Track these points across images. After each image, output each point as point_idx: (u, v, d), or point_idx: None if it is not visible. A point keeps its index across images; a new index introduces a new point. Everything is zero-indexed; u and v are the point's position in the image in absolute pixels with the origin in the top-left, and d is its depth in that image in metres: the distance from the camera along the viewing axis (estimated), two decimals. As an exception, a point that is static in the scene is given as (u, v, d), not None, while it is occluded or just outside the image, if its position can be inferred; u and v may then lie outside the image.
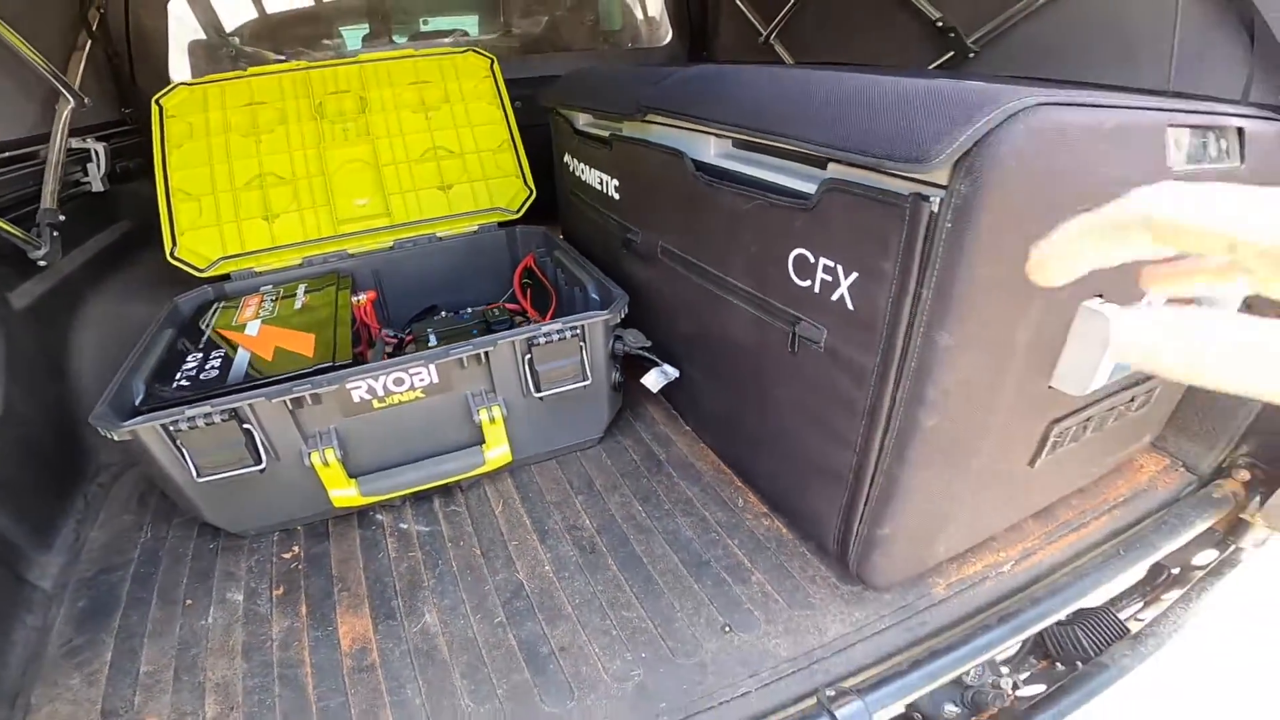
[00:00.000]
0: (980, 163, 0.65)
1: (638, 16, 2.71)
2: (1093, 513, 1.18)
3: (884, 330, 0.80)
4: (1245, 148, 0.86)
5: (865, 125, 0.76)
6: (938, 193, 0.70)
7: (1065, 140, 0.68)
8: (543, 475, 1.31)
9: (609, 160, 1.43)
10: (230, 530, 1.17)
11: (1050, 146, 0.67)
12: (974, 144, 0.65)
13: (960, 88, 0.71)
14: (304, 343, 1.20)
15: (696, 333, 1.24)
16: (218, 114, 1.64)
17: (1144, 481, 1.24)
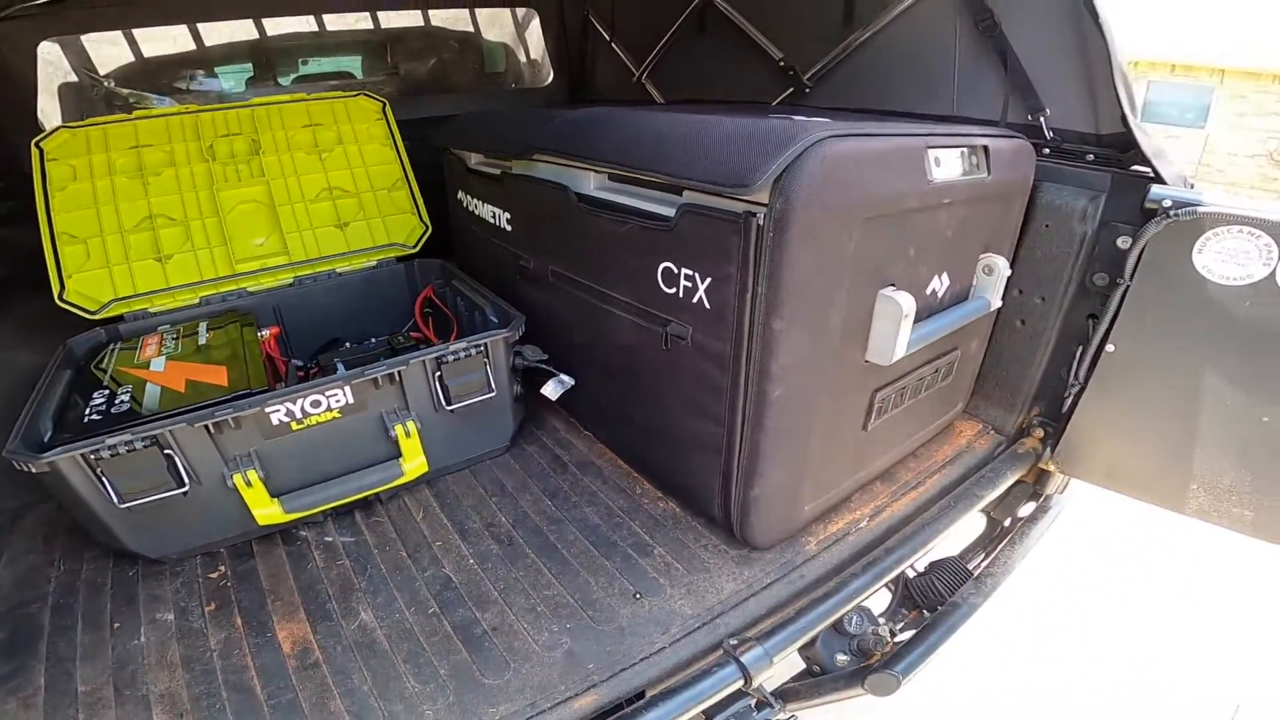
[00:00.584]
0: (788, 185, 0.93)
1: (521, 59, 2.97)
2: (926, 472, 1.50)
3: (734, 322, 1.06)
4: (991, 161, 1.21)
5: (707, 160, 1.03)
6: (762, 210, 0.97)
7: (847, 164, 0.97)
8: (458, 483, 1.48)
9: (501, 195, 1.64)
10: (151, 556, 1.24)
11: (837, 169, 0.95)
12: (782, 171, 0.93)
13: (775, 127, 0.98)
14: (216, 374, 1.31)
15: (586, 343, 1.47)
16: (101, 157, 1.70)
17: (964, 444, 1.59)
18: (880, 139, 1.03)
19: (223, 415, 1.14)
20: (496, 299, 1.62)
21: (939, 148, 1.12)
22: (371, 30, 2.63)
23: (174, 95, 2.33)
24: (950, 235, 1.23)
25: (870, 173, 1.01)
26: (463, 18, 2.77)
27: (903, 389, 1.31)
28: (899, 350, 1.13)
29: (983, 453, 1.57)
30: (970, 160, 1.20)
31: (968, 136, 1.20)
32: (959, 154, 1.18)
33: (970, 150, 1.20)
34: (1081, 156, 1.41)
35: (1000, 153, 1.24)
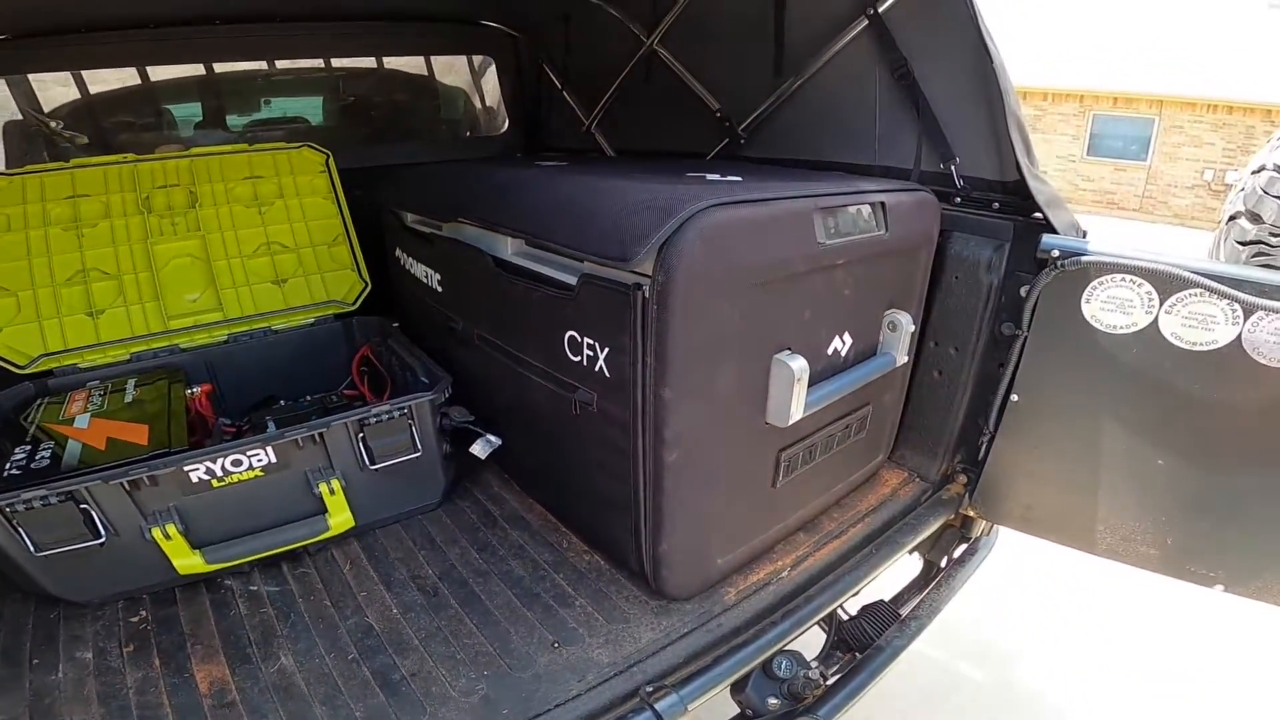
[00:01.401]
0: (668, 258, 1.03)
1: (477, 106, 3.15)
2: (849, 521, 1.63)
3: (630, 390, 1.17)
4: (889, 217, 1.34)
5: (600, 231, 1.14)
6: (648, 281, 1.07)
7: (728, 234, 1.08)
8: (387, 537, 1.57)
9: (432, 256, 1.78)
10: (73, 600, 1.32)
11: (717, 239, 1.06)
12: (662, 243, 1.03)
13: (663, 196, 1.08)
14: (137, 433, 1.41)
15: (510, 404, 1.60)
16: (36, 206, 1.81)
17: (888, 493, 1.74)
18: (765, 204, 1.15)
19: (137, 474, 1.23)
20: (427, 360, 1.74)
21: (830, 208, 1.24)
22: (325, 73, 2.77)
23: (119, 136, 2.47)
24: (849, 294, 1.36)
25: (753, 240, 1.12)
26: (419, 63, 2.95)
27: (811, 446, 1.45)
28: (796, 412, 1.26)
29: (907, 500, 1.72)
30: (865, 218, 1.32)
31: (862, 194, 1.32)
32: (852, 213, 1.29)
33: (864, 208, 1.31)
34: (988, 205, 1.55)
35: (899, 208, 1.37)
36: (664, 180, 1.27)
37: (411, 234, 1.88)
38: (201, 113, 2.61)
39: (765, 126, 2.05)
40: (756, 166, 1.87)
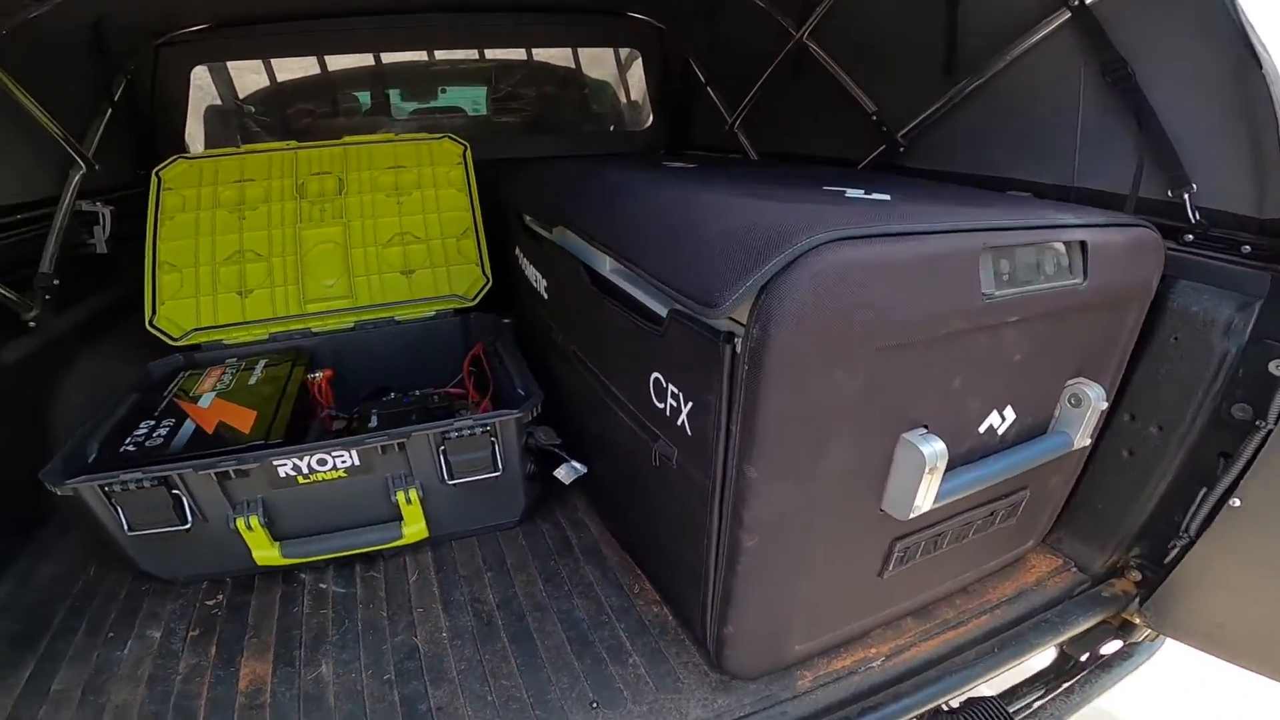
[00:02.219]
0: (767, 308, 0.81)
1: (622, 100, 3.12)
2: (975, 611, 1.38)
3: (711, 458, 0.99)
4: (1090, 261, 1.03)
5: (686, 261, 0.95)
6: (742, 332, 0.86)
7: (854, 280, 0.83)
8: (460, 550, 1.56)
9: (542, 259, 1.72)
10: (162, 577, 1.44)
11: (840, 286, 0.82)
12: (761, 289, 0.82)
13: (772, 219, 0.87)
14: (244, 419, 1.50)
15: (597, 432, 1.50)
16: (209, 189, 2.01)
17: (1032, 581, 1.45)
18: (911, 241, 0.88)
19: (226, 466, 1.30)
20: (525, 371, 1.70)
21: (1005, 247, 0.96)
22: (478, 64, 2.87)
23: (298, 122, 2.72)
24: (1020, 359, 1.07)
25: (890, 288, 0.87)
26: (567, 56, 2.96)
27: (938, 535, 1.21)
28: (923, 504, 1.02)
29: (1054, 592, 1.42)
30: (1056, 262, 1.02)
31: (1053, 228, 1.02)
32: (1035, 254, 1.00)
33: (1056, 247, 1.02)
34: (1235, 248, 1.19)
35: (1106, 248, 1.05)
36: (789, 197, 1.07)
37: (528, 234, 1.84)
38: (367, 101, 2.82)
39: (930, 134, 1.77)
40: (914, 181, 1.59)
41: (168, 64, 2.33)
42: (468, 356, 2.00)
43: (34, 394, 1.75)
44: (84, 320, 1.97)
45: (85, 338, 1.97)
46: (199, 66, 2.44)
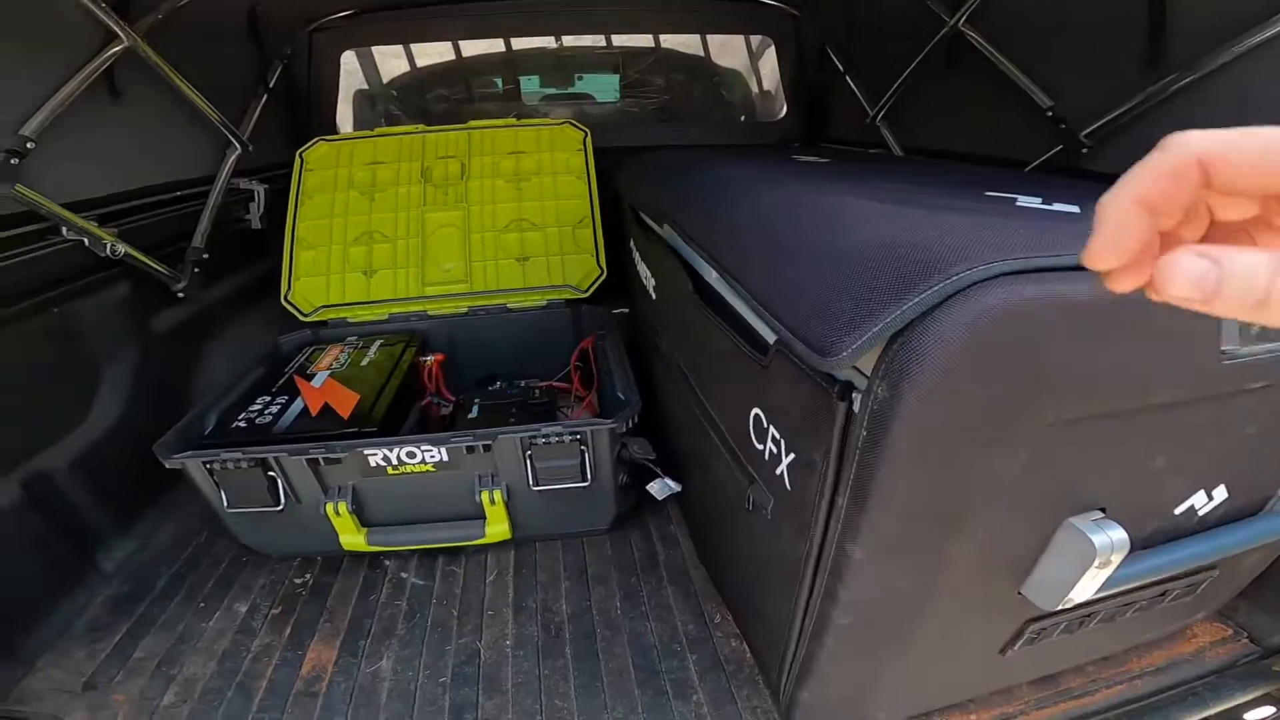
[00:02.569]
0: (899, 362, 0.61)
1: (754, 90, 2.95)
2: (1109, 680, 1.18)
3: (809, 522, 0.82)
4: None
5: (796, 284, 0.76)
6: (864, 385, 0.67)
7: (1030, 330, 0.60)
8: (544, 553, 1.54)
9: (652, 256, 1.61)
10: (260, 551, 1.53)
11: (1004, 340, 0.59)
12: (894, 336, 0.61)
13: (917, 237, 0.66)
14: (347, 403, 1.53)
15: (694, 452, 1.39)
16: (345, 170, 2.10)
17: (1189, 652, 1.22)
18: None
19: (317, 453, 1.33)
20: (628, 373, 1.63)
21: None
22: (607, 50, 2.81)
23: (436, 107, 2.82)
24: (1253, 432, 0.82)
25: (1083, 345, 0.63)
26: (695, 44, 2.84)
27: (1086, 617, 1.01)
28: (1081, 596, 0.82)
29: (1214, 664, 1.19)
30: None
31: None
32: None
33: None
34: None
35: None
36: (940, 204, 0.83)
37: (640, 226, 1.75)
38: (499, 87, 2.85)
39: (1124, 135, 1.47)
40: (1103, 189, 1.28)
41: (320, 49, 2.47)
42: (576, 350, 1.97)
43: (182, 361, 1.91)
44: (235, 291, 2.14)
45: (235, 308, 2.13)
46: (348, 51, 2.56)
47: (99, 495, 1.53)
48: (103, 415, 1.60)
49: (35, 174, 1.41)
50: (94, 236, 1.53)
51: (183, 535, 1.63)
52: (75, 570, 1.45)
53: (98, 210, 1.60)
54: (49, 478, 1.42)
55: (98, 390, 1.61)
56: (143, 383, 1.71)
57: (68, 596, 1.41)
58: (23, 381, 1.41)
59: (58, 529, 1.42)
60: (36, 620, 1.33)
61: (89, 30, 1.56)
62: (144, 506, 1.67)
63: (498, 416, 1.70)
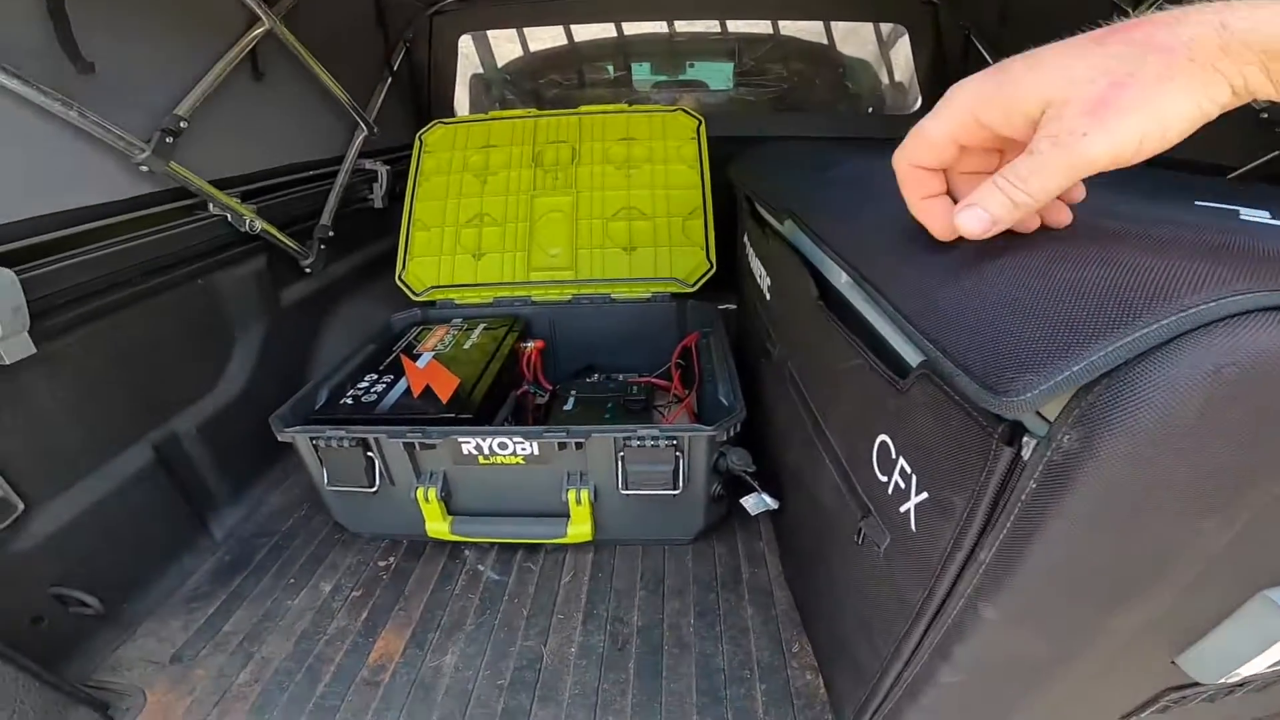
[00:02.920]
0: (1100, 410, 0.48)
1: (883, 80, 2.74)
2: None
3: (935, 574, 0.71)
4: None
5: (959, 304, 0.61)
6: (1042, 432, 0.54)
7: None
8: (622, 557, 1.51)
9: (769, 253, 1.50)
10: (351, 529, 1.59)
11: (1251, 393, 0.46)
12: (1098, 380, 0.48)
13: (1125, 267, 0.50)
14: (447, 386, 1.55)
15: (797, 468, 1.29)
16: (460, 153, 2.14)
17: None
18: None
19: (413, 438, 1.35)
20: (732, 376, 1.54)
21: None
22: (723, 36, 2.71)
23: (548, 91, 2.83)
24: None
25: None
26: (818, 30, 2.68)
27: (1238, 686, 0.85)
28: (1250, 670, 0.71)
29: None
30: None
31: None
32: None
33: None
34: None
35: None
36: (1142, 215, 0.65)
37: (756, 221, 1.65)
38: (611, 72, 2.81)
39: None
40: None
41: (439, 32, 2.52)
42: (678, 347, 1.91)
43: (306, 333, 2.02)
44: (355, 269, 2.24)
45: (354, 285, 2.23)
46: (465, 35, 2.61)
47: (220, 462, 1.64)
48: (230, 383, 1.71)
49: (186, 152, 1.51)
50: (236, 213, 1.63)
51: (286, 508, 1.72)
52: (190, 536, 1.56)
53: (239, 188, 1.70)
54: (178, 441, 1.54)
55: (230, 359, 1.73)
56: (268, 354, 1.81)
57: (177, 562, 1.51)
58: (170, 346, 1.53)
59: (182, 493, 1.54)
60: (147, 584, 1.44)
61: (235, 14, 1.65)
62: (256, 476, 1.78)
63: (593, 411, 1.68)
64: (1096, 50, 0.41)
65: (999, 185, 0.47)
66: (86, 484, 1.32)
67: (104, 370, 1.36)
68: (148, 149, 1.39)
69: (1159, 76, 0.39)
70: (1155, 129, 0.40)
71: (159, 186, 1.48)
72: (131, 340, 1.42)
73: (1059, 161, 0.42)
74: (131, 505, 1.40)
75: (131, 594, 1.40)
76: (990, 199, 0.47)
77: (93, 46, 1.30)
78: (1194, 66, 0.38)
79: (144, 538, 1.43)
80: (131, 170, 1.41)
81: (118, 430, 1.40)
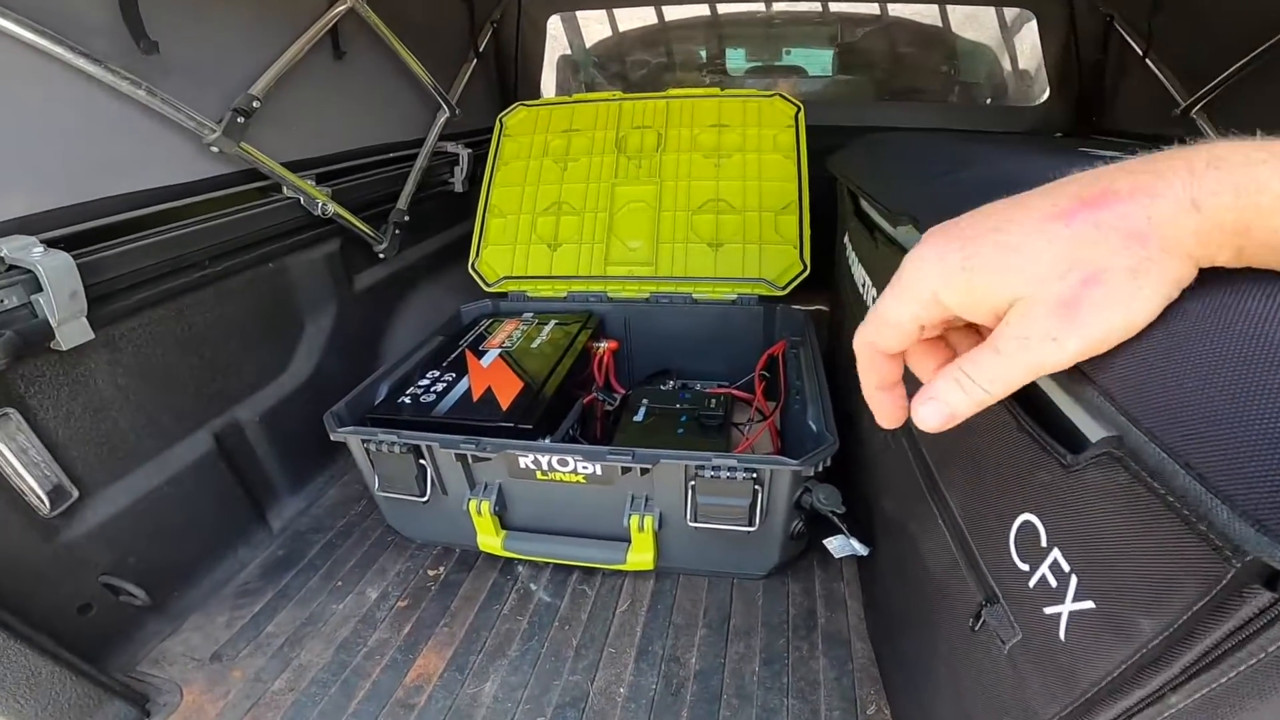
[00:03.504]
0: None
1: (1005, 68, 2.46)
2: None
3: (1087, 696, 0.55)
4: None
5: (1178, 371, 0.40)
6: None
7: None
8: (685, 590, 1.37)
9: (876, 261, 1.31)
10: (403, 534, 1.52)
11: None
12: None
13: None
14: (509, 390, 1.46)
15: (897, 521, 1.11)
16: (541, 137, 2.04)
17: None
18: None
19: (466, 450, 1.26)
20: (824, 398, 1.37)
21: None
22: (823, 18, 2.52)
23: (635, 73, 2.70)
24: None
25: None
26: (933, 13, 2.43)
27: None
28: None
29: None
30: None
31: None
32: None
33: None
34: None
35: None
36: None
37: (861, 221, 1.46)
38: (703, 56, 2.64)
39: None
40: None
41: (527, 12, 2.43)
42: (763, 356, 1.75)
43: (375, 319, 1.98)
44: (429, 255, 2.19)
45: (426, 272, 2.18)
46: (554, 16, 2.51)
47: (281, 452, 1.61)
48: (296, 370, 1.68)
49: (259, 133, 1.47)
50: (309, 195, 1.58)
51: (343, 503, 1.68)
52: (246, 527, 1.53)
53: (314, 170, 1.66)
54: (240, 430, 1.51)
55: (297, 346, 1.69)
56: (336, 341, 1.77)
57: (232, 554, 1.49)
58: (237, 331, 1.49)
59: (241, 484, 1.51)
60: (199, 576, 1.41)
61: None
62: (317, 468, 1.75)
63: (665, 425, 1.54)
64: (1064, 234, 0.37)
65: (959, 381, 0.44)
66: (143, 472, 1.29)
67: (167, 356, 1.33)
68: (218, 129, 1.35)
69: (1131, 271, 0.36)
70: (1124, 325, 0.38)
71: (230, 168, 1.44)
72: (197, 325, 1.39)
73: (1024, 362, 0.41)
74: (188, 495, 1.37)
75: (182, 585, 1.37)
76: (951, 393, 0.44)
77: (163, 25, 1.25)
78: (1166, 258, 0.35)
79: (199, 528, 1.41)
80: (202, 151, 1.37)
81: (178, 417, 1.37)
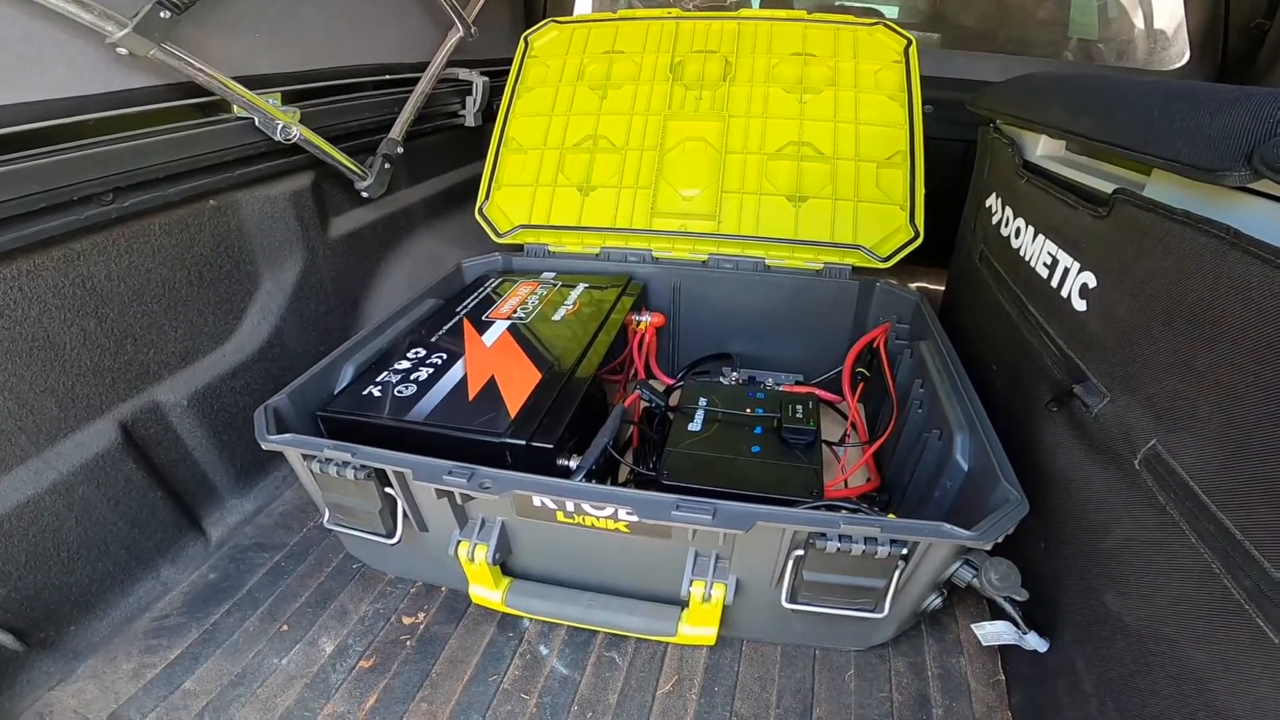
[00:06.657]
0: None
1: (1135, 25, 2.08)
2: None
3: None
4: None
5: None
6: None
7: None
8: (751, 663, 0.98)
9: (1093, 234, 0.87)
10: (371, 565, 1.14)
11: None
12: None
13: None
14: (520, 384, 1.04)
15: (1139, 626, 0.70)
16: (575, 60, 1.62)
17: None
18: None
19: (451, 486, 0.84)
20: (982, 422, 0.94)
21: None
22: None
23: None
24: None
25: None
26: None
27: None
28: None
29: None
30: None
31: None
32: None
33: None
34: None
35: None
36: None
37: (1039, 179, 1.03)
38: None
39: None
40: None
41: None
42: (856, 346, 1.35)
43: (354, 274, 1.58)
44: (428, 198, 1.79)
45: (425, 218, 1.78)
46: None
47: (224, 442, 1.22)
48: (246, 338, 1.27)
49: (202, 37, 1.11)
50: (267, 116, 1.19)
51: (301, 509, 1.29)
52: (175, 539, 1.16)
53: (279, 88, 1.28)
54: (162, 416, 1.12)
55: (248, 306, 1.29)
56: (302, 301, 1.37)
57: (152, 575, 1.11)
58: (160, 286, 1.10)
59: (162, 485, 1.13)
60: (102, 604, 1.04)
61: None
62: (272, 462, 1.34)
63: (733, 440, 1.13)
64: None
65: None
66: (13, 478, 0.93)
67: (47, 319, 0.95)
68: (128, 25, 0.96)
69: None
70: None
71: (159, 80, 1.07)
72: (95, 278, 1.01)
73: None
74: (83, 503, 1.00)
75: (81, 617, 1.01)
76: None
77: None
78: None
79: (100, 546, 1.03)
80: (107, 55, 0.99)
81: (65, 402, 0.98)
